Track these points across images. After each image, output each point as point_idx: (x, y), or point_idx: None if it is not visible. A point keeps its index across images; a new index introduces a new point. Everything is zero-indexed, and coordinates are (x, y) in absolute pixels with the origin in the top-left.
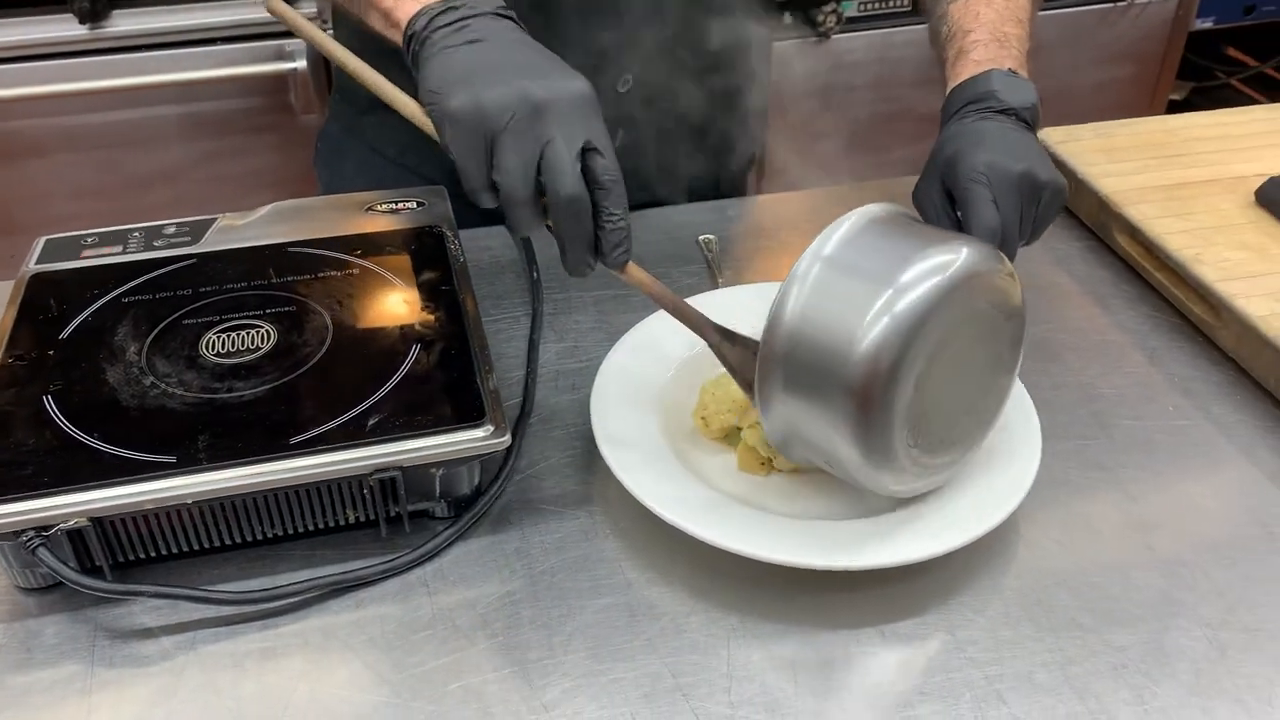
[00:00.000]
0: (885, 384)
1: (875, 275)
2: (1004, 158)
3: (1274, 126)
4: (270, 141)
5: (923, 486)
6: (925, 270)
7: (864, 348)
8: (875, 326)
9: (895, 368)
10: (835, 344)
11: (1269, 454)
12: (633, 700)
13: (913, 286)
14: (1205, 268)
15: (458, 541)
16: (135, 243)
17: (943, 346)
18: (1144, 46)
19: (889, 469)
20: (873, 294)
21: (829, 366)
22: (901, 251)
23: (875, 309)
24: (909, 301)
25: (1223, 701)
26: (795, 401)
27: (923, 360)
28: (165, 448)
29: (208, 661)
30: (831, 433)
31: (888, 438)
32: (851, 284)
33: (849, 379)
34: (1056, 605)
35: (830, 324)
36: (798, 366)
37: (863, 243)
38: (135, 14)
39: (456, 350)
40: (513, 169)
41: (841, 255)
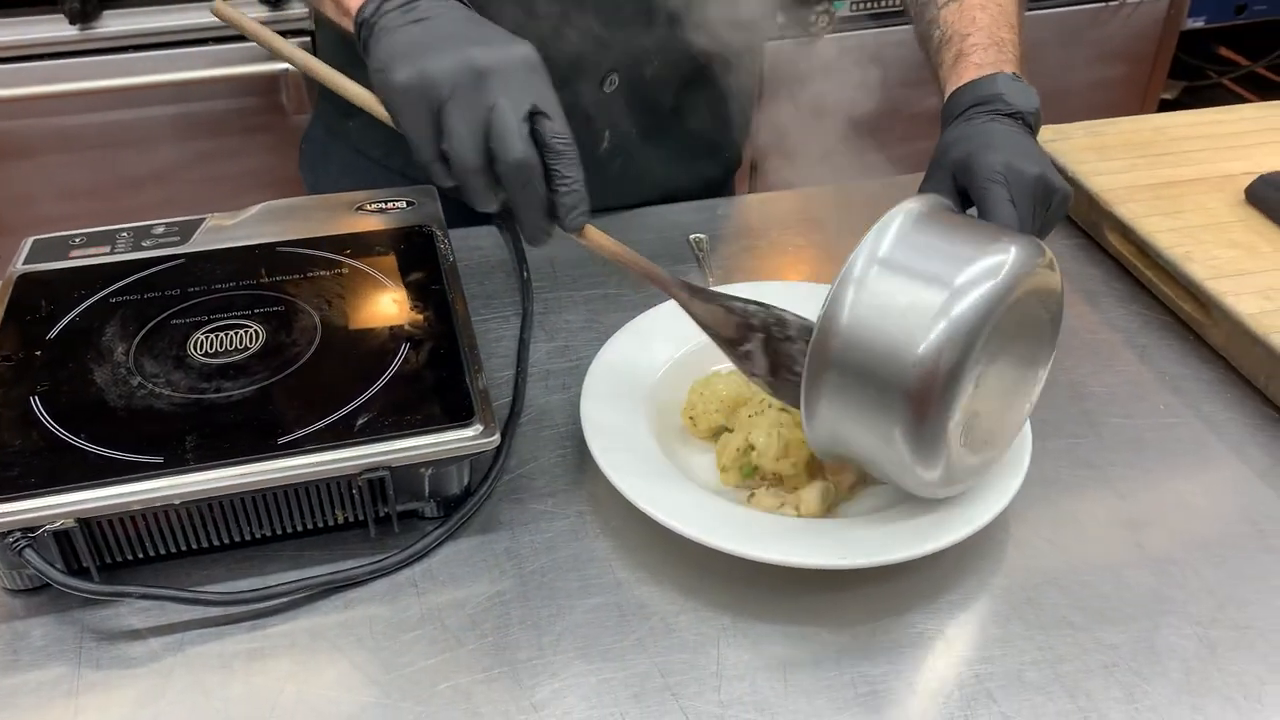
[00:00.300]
0: (944, 388)
1: (931, 278)
2: (1020, 160)
3: (1263, 125)
4: (262, 142)
5: (962, 487)
6: (980, 272)
7: (922, 351)
8: (934, 330)
9: (954, 371)
10: (892, 348)
11: (1259, 452)
12: (622, 700)
13: (969, 289)
14: (1195, 266)
15: (447, 541)
16: (123, 243)
17: (997, 347)
18: (1136, 46)
19: (937, 470)
20: (930, 298)
21: (885, 370)
22: (955, 251)
23: (933, 313)
24: (967, 304)
25: (1213, 700)
26: (845, 404)
27: (980, 363)
28: (152, 448)
29: (195, 663)
30: (883, 436)
31: (940, 440)
32: (907, 286)
33: (906, 383)
34: (1046, 604)
35: (886, 327)
36: (851, 369)
37: (914, 242)
38: (126, 14)
39: (445, 350)
40: (461, 137)
41: (894, 256)
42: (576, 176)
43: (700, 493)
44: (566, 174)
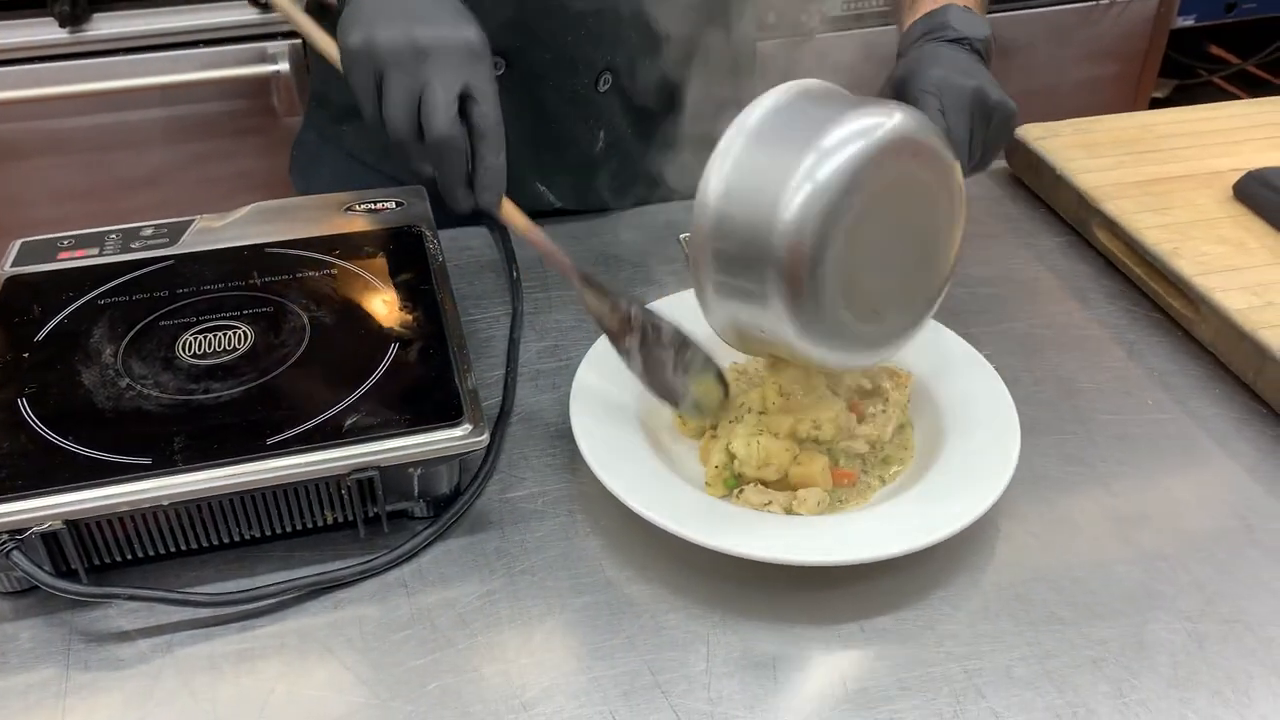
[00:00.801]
0: (812, 252)
1: (798, 142)
2: (955, 75)
3: (1250, 122)
4: (254, 144)
5: (867, 359)
6: (851, 133)
7: (787, 218)
8: (798, 195)
9: (821, 235)
10: (759, 217)
11: (1247, 447)
12: (612, 699)
13: (837, 150)
14: (1183, 262)
15: (437, 541)
16: (112, 245)
17: (872, 211)
18: (1126, 45)
19: (827, 340)
20: (795, 161)
21: (754, 241)
22: (828, 116)
23: (798, 176)
24: (833, 166)
25: (1201, 693)
26: (728, 283)
27: (849, 225)
28: (141, 449)
29: (184, 664)
30: (765, 309)
31: (820, 307)
32: (774, 153)
33: (774, 251)
34: (1035, 599)
35: (753, 198)
36: (725, 246)
37: (790, 112)
38: (116, 16)
39: (434, 350)
40: (395, 106)
41: (766, 126)
42: (494, 159)
43: (689, 490)
44: (485, 155)
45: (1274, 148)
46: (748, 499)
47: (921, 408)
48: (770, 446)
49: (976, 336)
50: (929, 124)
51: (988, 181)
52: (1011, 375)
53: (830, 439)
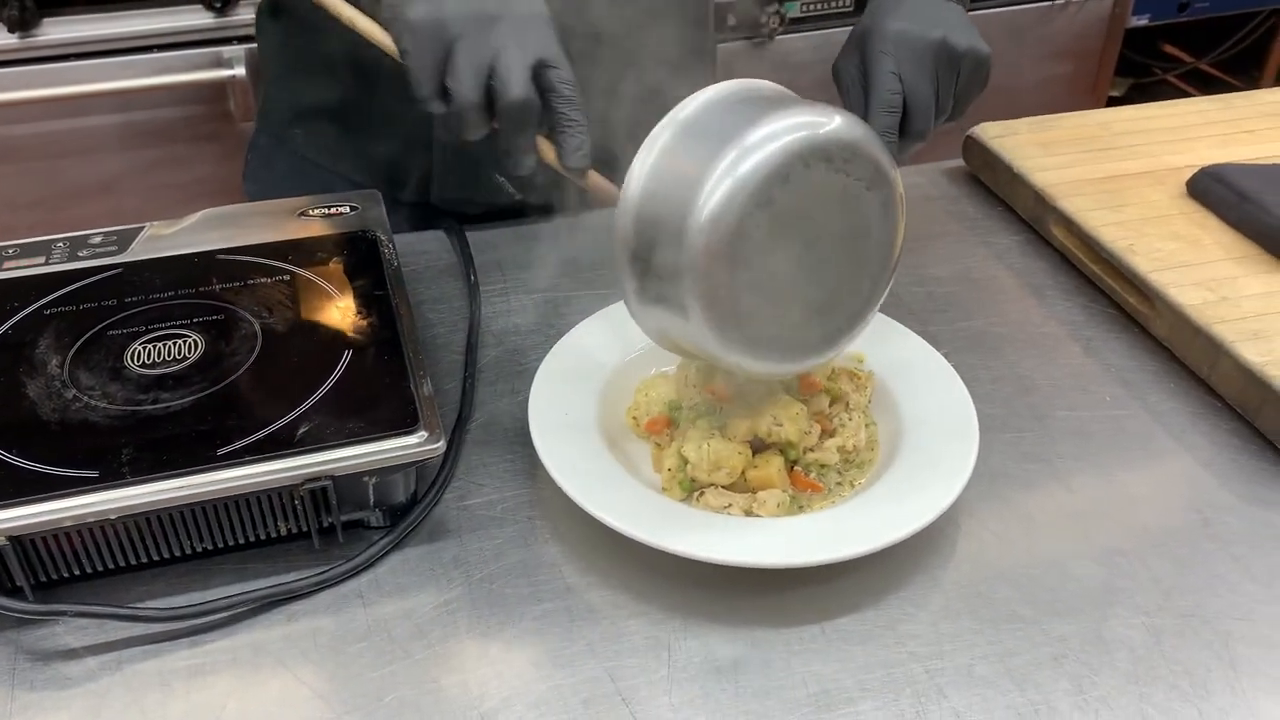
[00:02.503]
0: (726, 251)
1: (723, 137)
2: (917, 26)
3: (1203, 119)
4: (210, 150)
5: (795, 367)
6: (778, 130)
7: (701, 215)
8: (715, 191)
9: (735, 234)
10: (674, 215)
11: (1203, 440)
12: (572, 706)
13: (759, 146)
14: (1138, 258)
15: (394, 551)
16: (59, 253)
17: (793, 212)
18: (1082, 44)
19: (750, 348)
20: (716, 156)
21: (669, 242)
22: (760, 114)
23: (717, 172)
24: (753, 161)
25: (1159, 687)
26: (646, 289)
27: (767, 226)
28: (87, 462)
29: (134, 681)
30: (685, 318)
31: (738, 314)
32: (698, 148)
33: (688, 252)
34: (996, 597)
35: (670, 194)
36: (643, 248)
37: (723, 107)
38: (67, 21)
39: (389, 356)
40: (465, 72)
41: (695, 120)
42: (580, 119)
43: (649, 494)
44: (571, 116)
45: (1226, 144)
46: (708, 502)
47: (880, 408)
48: (721, 450)
49: (934, 335)
50: (868, 133)
51: (944, 181)
52: (969, 373)
53: (794, 440)
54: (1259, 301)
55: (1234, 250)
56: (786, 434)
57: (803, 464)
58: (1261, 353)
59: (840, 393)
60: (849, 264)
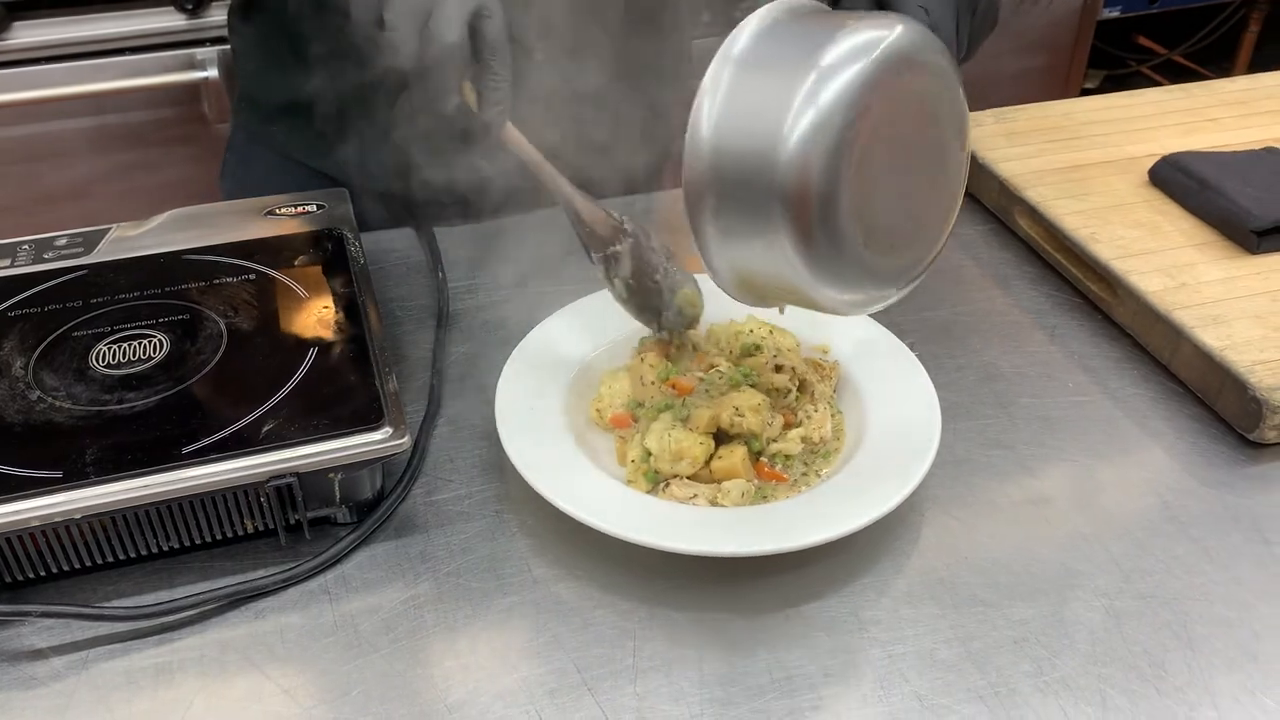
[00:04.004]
0: (821, 183)
1: (794, 63)
2: None
3: (1165, 109)
4: (184, 153)
5: (882, 299)
6: (851, 50)
7: (791, 149)
8: (800, 121)
9: (829, 165)
10: (759, 152)
11: (1164, 425)
12: (538, 698)
13: (839, 69)
14: (1101, 246)
15: (361, 547)
16: (25, 255)
17: (879, 133)
18: (1056, 36)
19: (843, 279)
20: (793, 84)
21: (757, 179)
22: (823, 34)
23: (798, 101)
24: (835, 87)
25: (1117, 668)
26: (730, 228)
27: (858, 151)
28: (51, 463)
29: (100, 680)
30: (774, 252)
31: (833, 243)
32: (768, 80)
33: (780, 187)
34: (959, 583)
35: (750, 130)
36: (725, 187)
37: (779, 34)
38: (38, 25)
39: (355, 353)
40: (402, 13)
41: (754, 51)
42: (504, 74)
43: (615, 486)
44: (496, 68)
45: (1188, 133)
46: (673, 493)
47: (844, 397)
48: (683, 440)
49: (900, 324)
50: (930, 35)
51: None
52: (934, 362)
53: (756, 430)
54: (1218, 287)
55: (1194, 237)
56: (748, 425)
57: (766, 455)
58: (1220, 338)
59: (805, 381)
60: (928, 180)
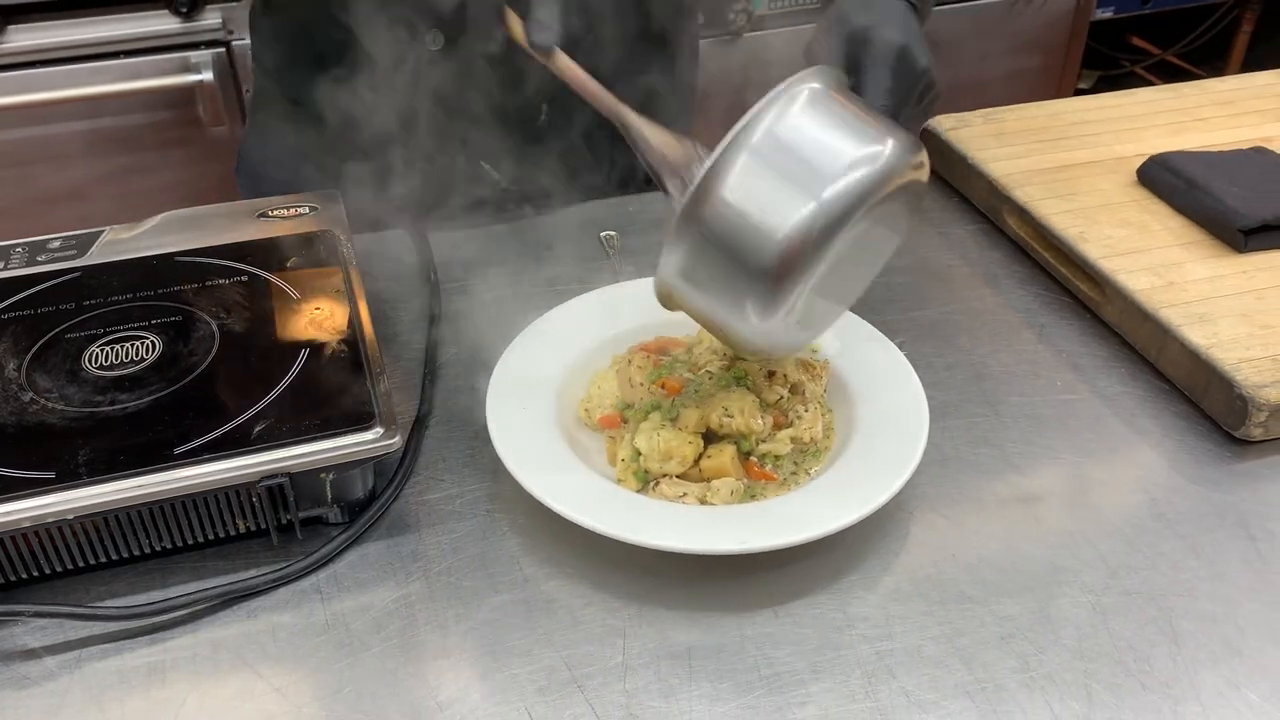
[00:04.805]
0: (803, 269)
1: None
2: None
3: (1153, 109)
4: (180, 156)
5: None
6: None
7: (784, 239)
8: (802, 213)
9: (817, 256)
10: (762, 223)
11: (1151, 423)
12: (528, 695)
13: (835, 204)
14: (1089, 246)
15: (353, 547)
16: (18, 258)
17: (859, 232)
18: (1049, 37)
19: (770, 335)
20: (807, 180)
21: (750, 240)
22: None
23: (806, 196)
24: (838, 191)
25: (1103, 663)
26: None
27: (838, 248)
28: (44, 463)
29: (93, 680)
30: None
31: (783, 311)
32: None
33: (765, 259)
34: (946, 579)
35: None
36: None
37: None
38: (34, 28)
39: (347, 354)
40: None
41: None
42: None
43: (605, 485)
44: None
45: (1175, 133)
46: (663, 492)
47: (834, 395)
48: (672, 440)
49: (890, 324)
50: (914, 145)
51: None
52: (924, 361)
53: (744, 430)
54: (1205, 286)
55: (1182, 236)
56: (737, 425)
57: (756, 455)
58: (1207, 335)
59: (797, 382)
60: (867, 267)
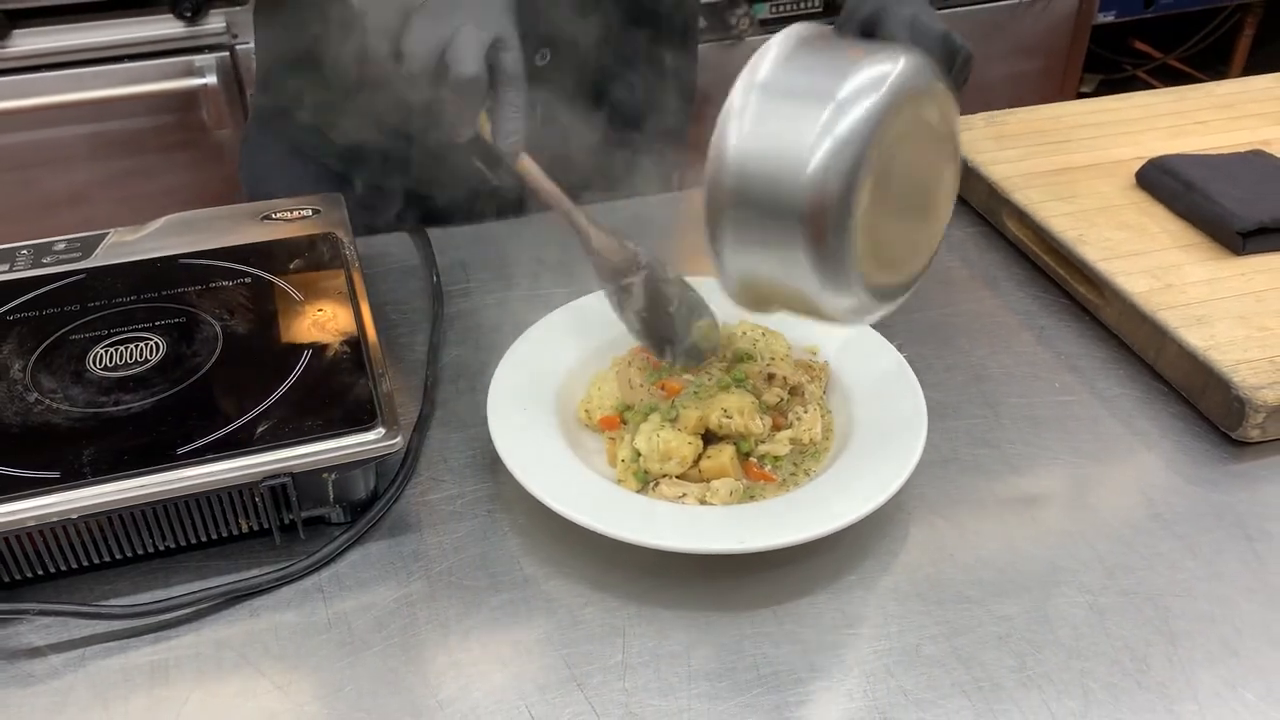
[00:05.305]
0: (838, 204)
1: (814, 95)
2: (928, 18)
3: (1152, 112)
4: (183, 159)
5: (877, 309)
6: (865, 82)
7: (812, 171)
8: (820, 148)
9: (845, 186)
10: (783, 171)
11: (1149, 424)
12: (528, 693)
13: (854, 100)
14: (1088, 248)
15: (355, 546)
16: (23, 260)
17: (890, 159)
18: (1050, 40)
19: (848, 293)
20: (814, 115)
21: (779, 195)
22: (838, 66)
23: (818, 130)
24: (852, 117)
25: (1100, 663)
26: (747, 242)
27: (871, 175)
28: (49, 463)
29: (96, 678)
30: (790, 267)
31: (843, 259)
32: (791, 108)
33: (800, 206)
34: (944, 579)
35: (775, 151)
36: (747, 202)
37: (797, 63)
38: (38, 32)
39: (349, 355)
40: (421, 44)
41: (775, 79)
42: (518, 102)
43: (606, 486)
44: (511, 98)
45: (1174, 136)
46: (663, 492)
47: (833, 397)
48: (671, 440)
49: (889, 326)
50: (931, 65)
51: None
52: (923, 363)
53: (744, 431)
54: (1203, 288)
55: (1180, 239)
56: (736, 426)
57: (755, 455)
58: (1204, 338)
59: (797, 384)
60: (925, 203)
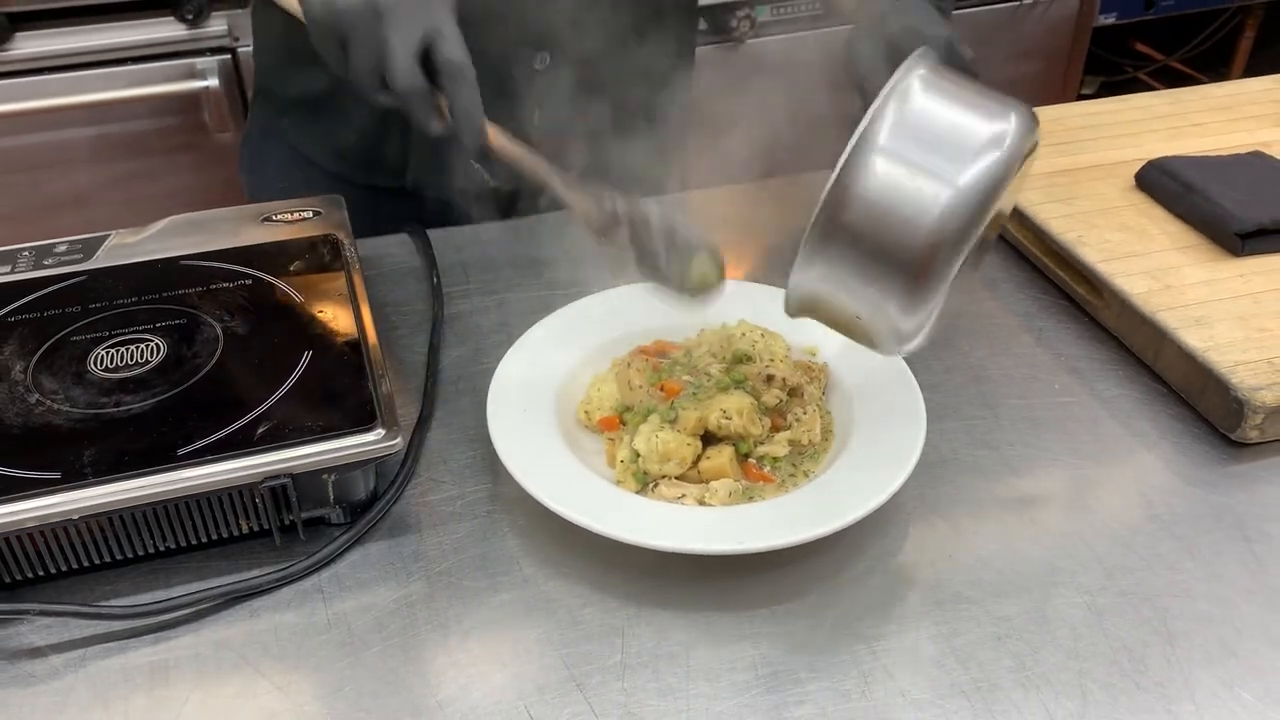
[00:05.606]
0: (944, 265)
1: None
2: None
3: (1151, 114)
4: (185, 161)
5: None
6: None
7: (932, 224)
8: (942, 203)
9: (959, 242)
10: (903, 224)
11: (1148, 425)
12: (527, 694)
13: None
14: (1087, 250)
15: (355, 547)
16: (25, 262)
17: (993, 214)
18: (1051, 43)
19: (915, 337)
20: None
21: (893, 240)
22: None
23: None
24: (973, 175)
25: (1099, 663)
26: (843, 274)
27: (974, 241)
28: (50, 464)
29: (97, 678)
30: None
31: (929, 311)
32: (921, 156)
33: (912, 254)
34: (942, 580)
35: (898, 199)
36: (859, 240)
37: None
38: (41, 35)
39: (349, 356)
40: (361, 68)
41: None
42: (465, 100)
43: (606, 487)
44: (456, 97)
45: (1174, 138)
46: (662, 493)
47: (832, 397)
48: (670, 441)
49: None
50: (1032, 118)
51: None
52: (923, 363)
53: (743, 433)
54: (1202, 289)
55: (1179, 240)
56: (735, 427)
57: (754, 456)
58: (1203, 339)
59: (797, 386)
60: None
